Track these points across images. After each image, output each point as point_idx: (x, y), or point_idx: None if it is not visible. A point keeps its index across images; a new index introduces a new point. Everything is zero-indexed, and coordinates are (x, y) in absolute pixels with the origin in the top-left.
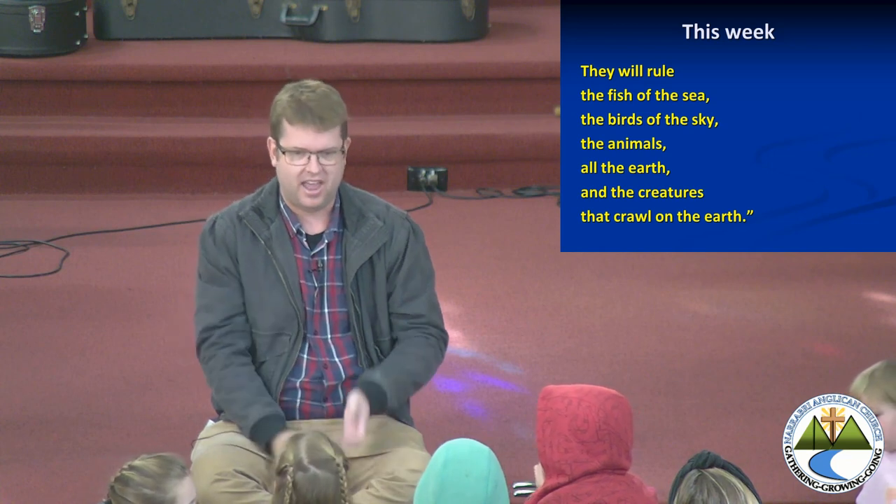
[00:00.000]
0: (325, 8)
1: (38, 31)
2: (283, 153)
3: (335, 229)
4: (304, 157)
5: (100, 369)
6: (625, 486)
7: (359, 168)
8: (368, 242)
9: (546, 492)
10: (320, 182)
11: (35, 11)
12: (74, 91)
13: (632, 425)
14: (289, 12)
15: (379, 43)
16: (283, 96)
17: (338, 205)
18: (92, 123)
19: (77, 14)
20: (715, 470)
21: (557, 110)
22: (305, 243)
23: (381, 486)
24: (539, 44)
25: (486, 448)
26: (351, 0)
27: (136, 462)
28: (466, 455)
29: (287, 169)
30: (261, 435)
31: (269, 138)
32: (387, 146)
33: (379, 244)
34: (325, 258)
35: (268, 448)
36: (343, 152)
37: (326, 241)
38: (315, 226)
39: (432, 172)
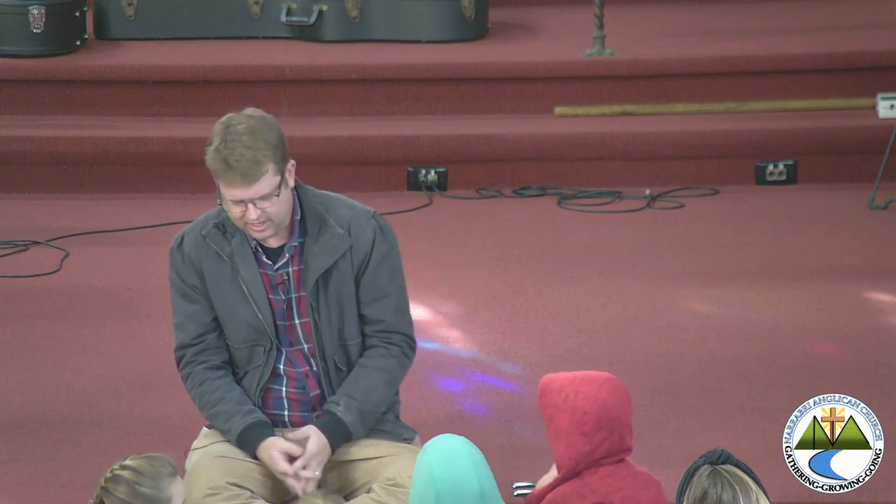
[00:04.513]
0: (325, 8)
1: (38, 31)
2: (221, 202)
3: (296, 242)
4: (242, 205)
5: (100, 369)
6: (630, 483)
7: (359, 168)
8: (329, 250)
9: (555, 485)
10: (266, 220)
11: (35, 11)
12: (74, 91)
13: (630, 405)
14: (289, 12)
15: (379, 43)
16: (212, 143)
17: (297, 217)
18: (92, 123)
19: (77, 14)
20: (728, 467)
21: (558, 110)
22: (266, 259)
23: (383, 491)
24: (539, 44)
25: (468, 460)
26: (351, 0)
27: (128, 462)
28: (456, 482)
29: (230, 213)
30: (246, 444)
31: None
32: (387, 146)
33: (339, 252)
34: (290, 269)
35: (254, 455)
36: (283, 187)
37: (288, 254)
38: (274, 241)
39: (432, 172)
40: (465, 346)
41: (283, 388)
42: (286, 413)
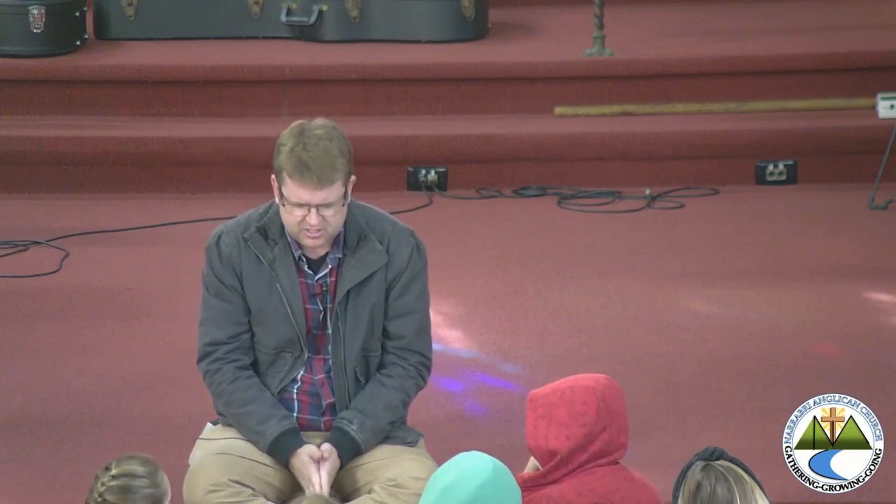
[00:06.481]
0: (325, 8)
1: (38, 31)
2: (284, 203)
3: (339, 254)
4: (304, 209)
5: (100, 369)
6: (628, 484)
7: (359, 168)
8: (366, 264)
9: (547, 478)
10: (322, 228)
11: (35, 11)
12: (74, 91)
13: (625, 405)
14: (289, 12)
15: (379, 43)
16: (286, 144)
17: (342, 229)
18: (92, 123)
19: (77, 14)
20: (722, 462)
21: (558, 110)
22: (307, 269)
23: (384, 491)
24: (539, 44)
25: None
26: (351, 0)
27: (118, 470)
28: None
29: (288, 217)
30: (279, 451)
31: (273, 177)
32: (387, 146)
33: (375, 267)
34: (329, 280)
35: (287, 464)
36: (345, 198)
37: (330, 265)
38: (318, 251)
39: (432, 172)
40: (465, 346)
41: (296, 391)
42: (294, 414)
